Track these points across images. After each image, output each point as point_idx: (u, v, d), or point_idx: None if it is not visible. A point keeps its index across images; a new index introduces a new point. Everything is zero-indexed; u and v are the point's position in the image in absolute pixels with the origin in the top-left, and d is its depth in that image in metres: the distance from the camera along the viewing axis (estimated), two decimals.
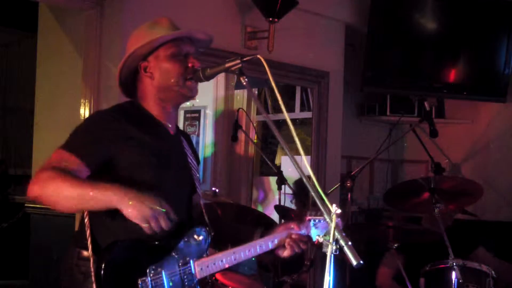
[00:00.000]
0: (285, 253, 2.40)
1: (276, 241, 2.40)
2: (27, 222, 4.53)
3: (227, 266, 2.34)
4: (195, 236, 2.32)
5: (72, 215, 3.70)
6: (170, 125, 2.43)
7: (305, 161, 1.99)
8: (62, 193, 2.04)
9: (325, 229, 2.22)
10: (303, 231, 2.41)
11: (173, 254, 2.27)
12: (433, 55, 5.49)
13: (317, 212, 2.34)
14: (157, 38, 2.32)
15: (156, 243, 2.22)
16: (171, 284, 2.24)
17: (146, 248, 2.22)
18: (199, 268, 2.31)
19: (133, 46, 2.34)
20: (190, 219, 2.46)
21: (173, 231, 2.20)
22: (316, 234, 2.39)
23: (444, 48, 5.46)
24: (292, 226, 2.43)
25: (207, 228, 2.38)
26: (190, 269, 2.29)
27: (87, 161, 2.14)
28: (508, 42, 5.43)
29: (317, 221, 2.39)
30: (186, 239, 2.30)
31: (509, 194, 5.65)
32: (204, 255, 2.34)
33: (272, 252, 2.42)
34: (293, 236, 2.40)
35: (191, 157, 2.51)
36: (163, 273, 2.22)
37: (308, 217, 2.40)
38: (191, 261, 2.30)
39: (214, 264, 2.32)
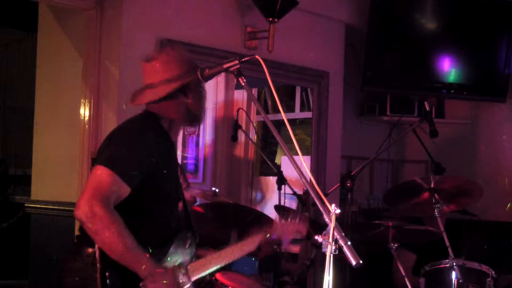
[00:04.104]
0: (261, 253, 2.84)
1: (254, 244, 2.71)
2: (27, 222, 4.52)
3: (216, 267, 2.59)
4: (184, 240, 2.52)
5: (72, 215, 3.69)
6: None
7: (303, 161, 2.00)
8: (111, 245, 2.22)
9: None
10: (274, 235, 2.75)
11: (167, 258, 2.42)
12: (433, 55, 5.48)
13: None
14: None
15: (150, 250, 2.33)
16: None
17: None
18: (191, 270, 2.48)
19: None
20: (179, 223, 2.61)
21: (166, 237, 2.44)
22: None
23: (444, 48, 5.46)
24: (265, 230, 2.75)
25: (194, 232, 2.59)
26: (184, 272, 2.44)
27: (133, 186, 2.32)
28: (508, 42, 5.42)
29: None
30: (176, 244, 2.47)
31: (509, 194, 5.65)
32: (194, 258, 2.55)
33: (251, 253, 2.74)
34: (267, 240, 2.73)
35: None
36: None
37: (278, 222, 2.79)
38: (184, 264, 2.47)
39: (204, 266, 2.53)
